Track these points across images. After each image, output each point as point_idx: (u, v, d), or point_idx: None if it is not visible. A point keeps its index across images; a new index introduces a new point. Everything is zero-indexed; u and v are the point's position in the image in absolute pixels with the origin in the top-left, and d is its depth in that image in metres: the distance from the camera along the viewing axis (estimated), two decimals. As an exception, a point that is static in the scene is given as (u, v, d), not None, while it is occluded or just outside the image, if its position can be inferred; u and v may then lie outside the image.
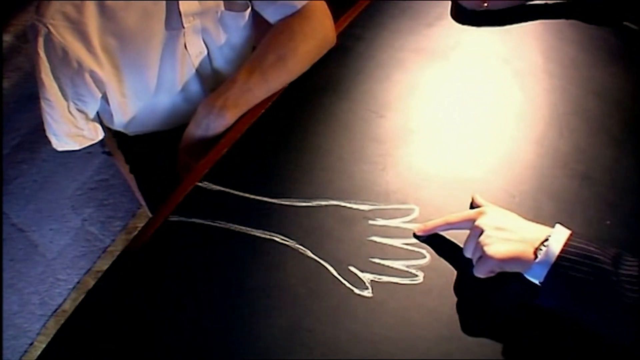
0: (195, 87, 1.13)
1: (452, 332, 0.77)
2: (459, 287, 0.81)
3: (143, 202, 1.31)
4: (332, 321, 0.79)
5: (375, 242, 0.86)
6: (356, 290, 0.81)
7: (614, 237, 0.83)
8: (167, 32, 1.00)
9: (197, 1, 1.00)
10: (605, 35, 1.07)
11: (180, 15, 0.98)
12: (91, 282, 1.73)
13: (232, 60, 1.15)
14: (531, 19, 1.11)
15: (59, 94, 0.98)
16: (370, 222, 0.88)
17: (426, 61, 1.07)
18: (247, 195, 0.93)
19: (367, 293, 0.81)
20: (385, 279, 0.82)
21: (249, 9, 1.06)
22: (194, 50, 1.06)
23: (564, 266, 0.70)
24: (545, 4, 1.13)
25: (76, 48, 0.94)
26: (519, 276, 0.76)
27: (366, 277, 0.82)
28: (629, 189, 0.88)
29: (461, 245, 0.82)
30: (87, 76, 0.97)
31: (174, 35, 1.01)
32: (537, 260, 0.72)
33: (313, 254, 0.85)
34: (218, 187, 0.95)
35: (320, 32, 1.06)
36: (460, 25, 1.12)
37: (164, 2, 0.97)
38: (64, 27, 0.93)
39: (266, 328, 0.79)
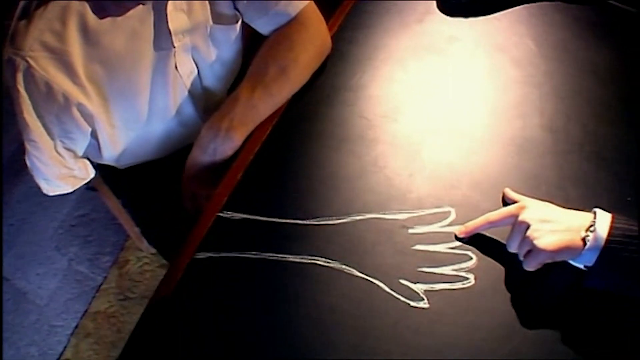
0: (189, 110, 1.07)
1: (514, 329, 0.77)
2: (510, 283, 0.81)
3: (134, 235, 1.23)
4: (393, 338, 0.78)
5: (420, 250, 0.85)
6: (412, 303, 0.80)
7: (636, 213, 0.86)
8: (157, 54, 0.93)
9: (186, 17, 0.94)
10: (589, 14, 1.10)
11: (170, 34, 0.92)
12: (90, 325, 1.63)
13: (223, 76, 1.10)
14: (515, 4, 1.12)
15: (45, 133, 0.90)
16: (410, 230, 0.87)
17: (425, 58, 1.06)
18: (275, 220, 0.89)
19: (424, 304, 0.80)
20: (438, 287, 0.81)
21: (240, 21, 1.01)
22: (185, 70, 1.00)
23: (613, 248, 0.72)
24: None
25: (61, 81, 0.86)
26: (562, 264, 0.77)
27: (419, 287, 0.81)
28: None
29: (503, 242, 0.83)
30: (75, 110, 0.90)
31: (163, 56, 0.94)
32: (586, 247, 0.74)
33: (360, 272, 0.83)
34: (242, 215, 0.90)
35: (318, 38, 1.02)
36: (449, 18, 1.11)
37: (152, 21, 0.91)
38: (45, 58, 0.85)
39: (328, 356, 0.77)
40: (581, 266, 0.78)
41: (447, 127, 0.97)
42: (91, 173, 1.00)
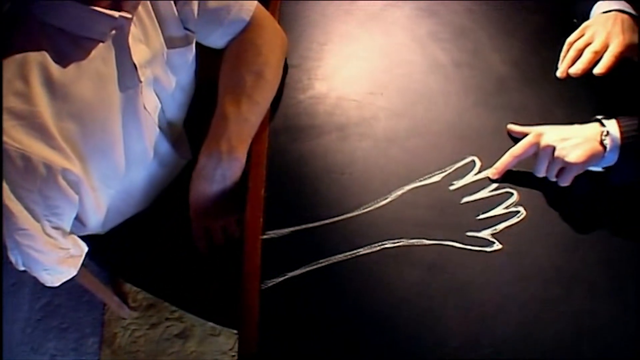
0: (164, 147, 0.97)
1: (577, 238, 0.85)
2: (553, 203, 0.89)
3: (114, 304, 1.08)
4: (487, 284, 0.81)
5: (468, 202, 0.89)
6: (488, 249, 0.84)
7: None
8: (124, 95, 0.83)
9: (146, 47, 0.84)
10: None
11: (136, 68, 0.82)
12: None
13: (184, 103, 1.01)
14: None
15: (30, 217, 0.76)
16: (450, 187, 0.90)
17: (371, 29, 1.09)
18: (322, 222, 0.86)
19: (497, 246, 0.84)
20: (500, 227, 0.86)
21: (194, 42, 0.93)
22: (151, 106, 0.90)
23: (629, 143, 0.84)
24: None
25: (38, 149, 0.73)
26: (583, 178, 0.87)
27: (485, 234, 0.86)
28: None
29: (529, 171, 0.90)
30: (60, 179, 0.77)
31: (131, 96, 0.84)
32: (607, 149, 0.85)
33: (430, 240, 0.85)
34: (287, 230, 0.86)
35: (277, 36, 0.99)
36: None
37: (114, 59, 0.80)
38: (14, 127, 0.72)
39: (441, 324, 0.78)
40: (599, 169, 0.89)
41: (423, 89, 1.01)
42: (84, 247, 0.86)
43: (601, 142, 0.85)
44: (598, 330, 0.77)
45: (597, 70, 0.89)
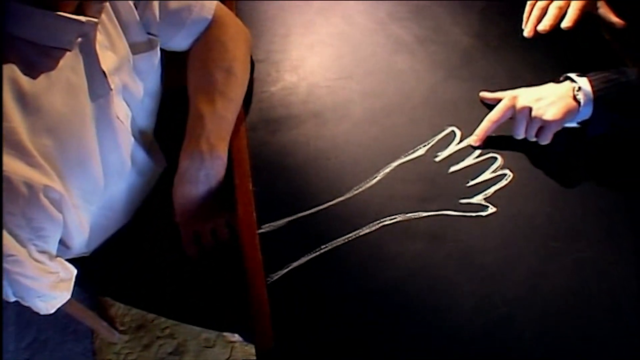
0: (140, 155, 0.92)
1: (562, 190, 0.88)
2: (536, 161, 0.90)
3: (103, 330, 1.03)
4: (488, 247, 0.82)
5: (456, 170, 0.90)
6: (483, 214, 0.85)
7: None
8: (95, 105, 0.79)
9: (112, 54, 0.81)
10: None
11: (105, 76, 0.79)
12: None
13: (153, 110, 0.97)
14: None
15: (15, 242, 0.71)
16: (436, 159, 0.91)
17: (329, 18, 1.09)
18: (316, 209, 0.85)
19: (492, 209, 0.85)
20: (491, 191, 0.87)
21: (158, 46, 0.90)
22: (123, 114, 0.86)
23: (601, 95, 0.87)
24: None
25: (17, 168, 0.69)
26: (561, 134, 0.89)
27: (478, 199, 0.86)
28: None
29: (509, 134, 0.92)
30: (42, 197, 0.72)
31: (102, 105, 0.80)
32: (582, 104, 0.87)
33: (426, 212, 0.85)
34: (283, 221, 0.84)
35: (241, 30, 0.98)
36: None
37: (83, 67, 0.76)
38: None
39: (455, 289, 0.78)
40: (575, 125, 0.91)
41: (391, 68, 1.02)
42: (73, 270, 0.81)
43: (574, 98, 0.87)
44: (601, 275, 0.79)
45: (565, 24, 0.92)
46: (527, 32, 0.98)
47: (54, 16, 0.69)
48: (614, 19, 0.97)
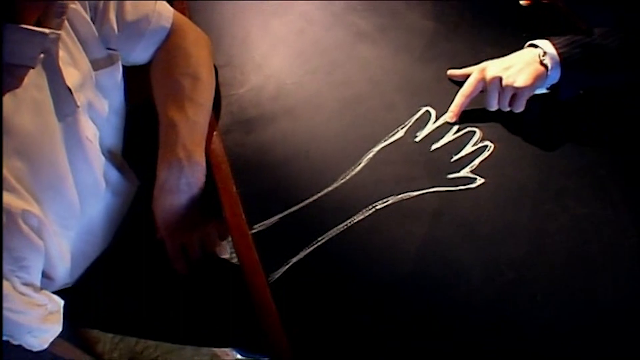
0: (113, 174, 0.88)
1: (548, 154, 0.88)
2: (514, 131, 0.91)
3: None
4: (484, 216, 0.81)
5: (438, 148, 0.89)
6: (473, 185, 0.85)
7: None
8: (63, 124, 0.75)
9: (75, 70, 0.77)
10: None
11: (71, 92, 0.74)
12: None
13: (120, 127, 0.92)
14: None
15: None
16: (416, 139, 0.90)
17: (295, 17, 1.08)
18: (305, 203, 0.82)
19: (480, 180, 0.85)
20: (476, 162, 0.87)
21: (119, 60, 0.86)
22: (91, 133, 0.82)
23: (568, 57, 0.89)
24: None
25: None
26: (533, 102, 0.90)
27: (465, 172, 0.86)
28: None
29: (482, 107, 0.92)
30: (22, 223, 0.68)
31: (70, 124, 0.76)
32: (550, 68, 0.89)
33: (416, 191, 0.84)
34: (274, 218, 0.81)
35: (200, 36, 0.95)
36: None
37: (47, 85, 0.72)
38: None
39: (458, 263, 0.77)
40: (545, 90, 0.93)
41: (356, 58, 1.02)
42: (60, 301, 0.76)
43: (541, 63, 0.89)
44: (597, 228, 0.79)
45: None
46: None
47: (18, 29, 0.65)
48: None
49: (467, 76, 0.94)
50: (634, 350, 0.70)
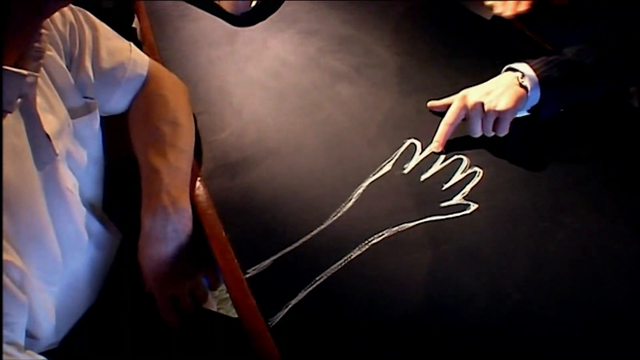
0: (95, 226, 0.83)
1: (534, 175, 0.88)
2: (501, 155, 0.91)
3: None
4: (483, 241, 0.79)
5: (427, 178, 0.88)
6: (467, 212, 0.83)
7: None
8: (42, 173, 0.71)
9: (53, 117, 0.74)
10: None
11: (50, 139, 0.71)
12: None
13: (100, 178, 0.89)
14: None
15: None
16: (404, 171, 0.89)
17: (270, 61, 1.08)
18: (298, 243, 0.79)
19: (474, 206, 0.84)
20: (467, 189, 0.86)
21: (97, 109, 0.84)
22: (70, 184, 0.78)
23: (547, 76, 0.90)
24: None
25: None
26: (515, 125, 0.91)
27: (458, 199, 0.85)
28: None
29: (466, 135, 0.92)
30: (4, 278, 0.63)
31: (49, 173, 0.72)
32: (530, 89, 0.90)
33: (410, 222, 0.82)
34: (267, 262, 0.77)
35: (176, 82, 0.94)
36: (254, 29, 1.14)
37: (25, 130, 0.69)
38: None
39: (462, 290, 0.74)
40: (525, 113, 0.94)
41: (335, 97, 1.02)
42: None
43: (521, 85, 0.90)
44: (596, 240, 0.78)
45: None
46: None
47: None
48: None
49: (448, 106, 0.94)
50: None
